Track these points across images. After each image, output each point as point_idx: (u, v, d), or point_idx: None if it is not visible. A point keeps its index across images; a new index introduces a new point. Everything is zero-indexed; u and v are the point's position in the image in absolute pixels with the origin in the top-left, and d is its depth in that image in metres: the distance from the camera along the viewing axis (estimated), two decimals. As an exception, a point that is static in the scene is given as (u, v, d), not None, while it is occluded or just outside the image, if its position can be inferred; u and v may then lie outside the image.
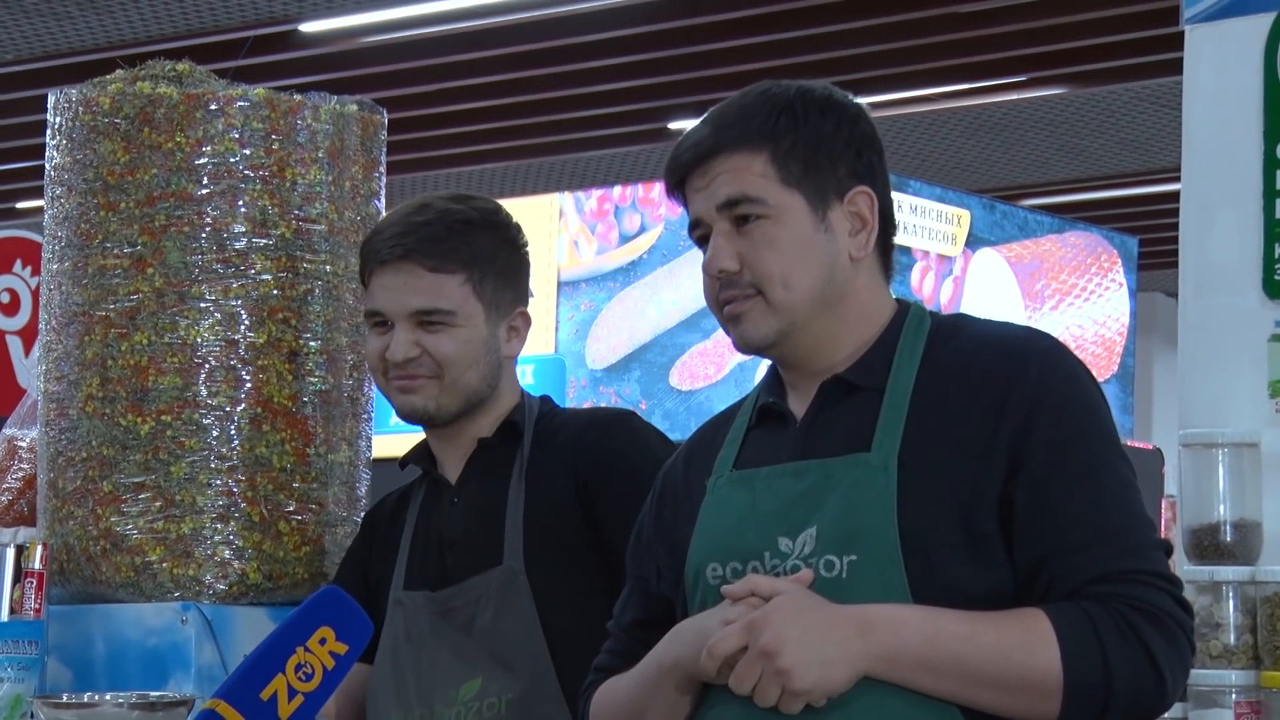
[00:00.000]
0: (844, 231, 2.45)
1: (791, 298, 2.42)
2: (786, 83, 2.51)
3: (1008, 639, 2.26)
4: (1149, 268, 11.29)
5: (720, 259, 2.43)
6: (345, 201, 3.39)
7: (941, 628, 2.26)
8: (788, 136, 2.43)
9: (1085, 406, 2.36)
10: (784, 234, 2.42)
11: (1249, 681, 3.27)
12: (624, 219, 8.57)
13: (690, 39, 10.46)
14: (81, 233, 3.33)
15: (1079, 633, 2.25)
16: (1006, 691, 2.26)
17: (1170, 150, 12.05)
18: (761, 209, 2.42)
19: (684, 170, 2.48)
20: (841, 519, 2.35)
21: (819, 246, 2.43)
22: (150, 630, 3.21)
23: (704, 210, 2.46)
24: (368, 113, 3.47)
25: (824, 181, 2.43)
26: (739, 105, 2.48)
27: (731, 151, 2.44)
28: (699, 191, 2.46)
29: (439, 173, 13.62)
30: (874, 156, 2.49)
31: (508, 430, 3.08)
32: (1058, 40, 10.33)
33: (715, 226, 2.44)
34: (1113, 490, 2.33)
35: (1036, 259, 9.17)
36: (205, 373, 3.26)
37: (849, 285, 2.45)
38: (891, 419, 2.38)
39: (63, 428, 3.32)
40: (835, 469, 2.38)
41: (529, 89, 11.44)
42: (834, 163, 2.44)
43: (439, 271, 3.02)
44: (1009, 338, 2.42)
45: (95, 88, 3.37)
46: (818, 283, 2.42)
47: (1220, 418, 3.45)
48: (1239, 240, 3.51)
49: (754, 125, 2.44)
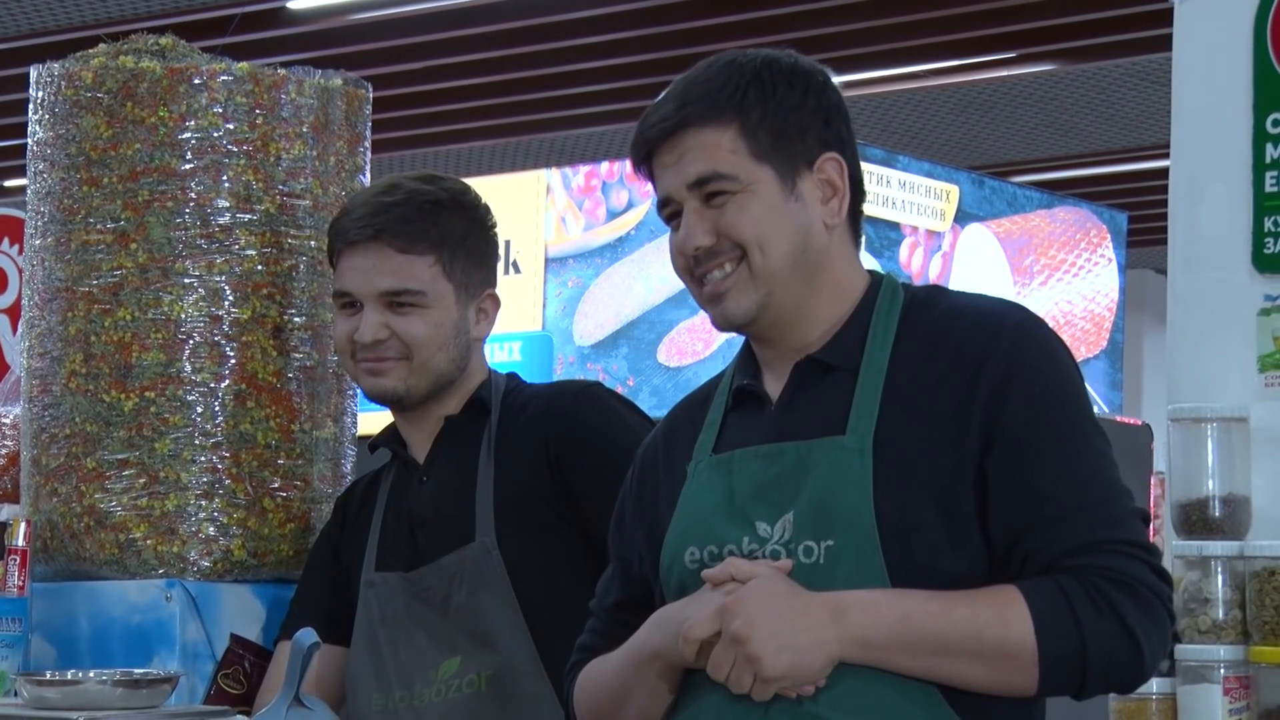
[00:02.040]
0: (815, 200, 2.42)
1: (769, 264, 2.39)
2: (752, 52, 2.47)
3: (981, 614, 2.25)
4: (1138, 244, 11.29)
5: (695, 237, 2.41)
6: (330, 176, 3.38)
7: (914, 607, 2.25)
8: (756, 108, 2.40)
9: (1058, 377, 2.35)
10: (755, 205, 2.40)
11: (1238, 656, 3.26)
12: (611, 195, 8.55)
13: (678, 15, 10.44)
14: (64, 208, 3.31)
15: (1052, 605, 2.24)
16: (982, 664, 2.26)
17: (1160, 126, 12.04)
18: (733, 185, 2.39)
19: (650, 146, 2.45)
20: (818, 504, 2.34)
21: (791, 215, 2.40)
22: (134, 607, 3.20)
23: (674, 188, 2.43)
24: (353, 87, 3.45)
25: (793, 152, 2.41)
26: (704, 78, 2.45)
27: (699, 126, 2.41)
28: (668, 168, 2.43)
29: (426, 150, 13.60)
30: (842, 124, 2.46)
31: (475, 407, 3.07)
32: (1047, 16, 10.32)
33: (686, 204, 2.42)
34: (1087, 460, 2.32)
35: (1025, 234, 9.16)
36: (189, 349, 3.24)
37: (824, 254, 2.43)
38: (866, 400, 2.36)
39: (46, 404, 3.31)
40: (810, 452, 2.36)
41: (516, 66, 11.42)
42: (803, 132, 2.41)
43: (408, 252, 3.02)
44: (981, 310, 2.41)
45: (78, 62, 3.35)
46: (793, 250, 2.40)
47: (1209, 393, 3.44)
48: (1228, 214, 3.50)
49: (721, 98, 2.41)
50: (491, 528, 2.94)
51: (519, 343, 8.64)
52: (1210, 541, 3.33)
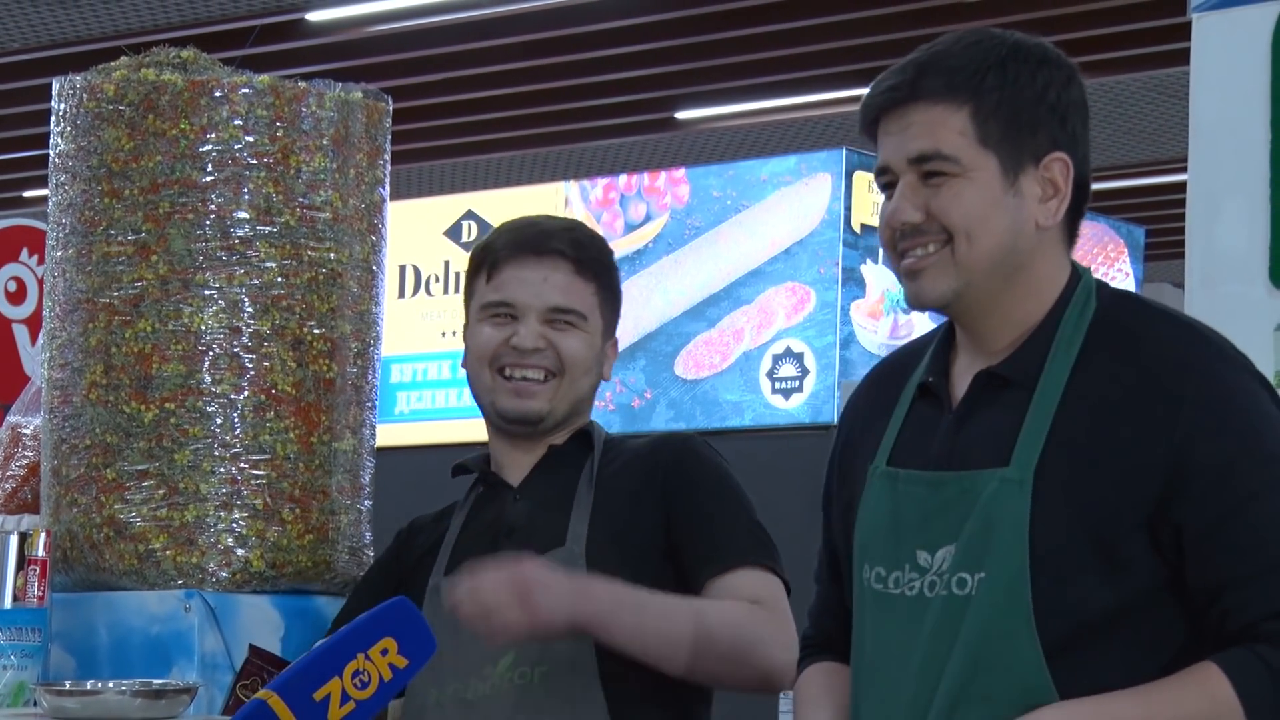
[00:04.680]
0: (1034, 197, 2.35)
1: (974, 254, 2.33)
2: (1001, 34, 2.40)
3: (1188, 710, 2.23)
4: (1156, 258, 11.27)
5: (904, 211, 2.35)
6: (350, 189, 3.39)
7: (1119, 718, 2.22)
8: (993, 94, 2.33)
9: (1245, 427, 2.28)
10: (972, 192, 2.33)
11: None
12: (629, 208, 8.55)
13: (696, 28, 10.46)
14: (86, 220, 3.33)
15: (1261, 692, 2.21)
16: None
17: (1177, 140, 12.04)
18: (953, 167, 2.33)
19: (878, 112, 2.39)
20: (976, 537, 2.31)
21: (1006, 210, 2.34)
22: (153, 618, 3.20)
23: (894, 158, 2.37)
24: (372, 100, 3.46)
25: (1022, 146, 2.34)
26: (948, 53, 2.37)
27: (932, 102, 2.34)
28: (891, 136, 2.37)
29: (444, 161, 13.63)
30: (1078, 123, 2.39)
31: (580, 439, 3.09)
32: (1064, 30, 10.32)
33: (903, 177, 2.36)
34: (1274, 515, 2.26)
35: (1043, 249, 9.17)
36: (209, 360, 3.25)
37: (1032, 254, 2.36)
38: (1035, 427, 2.31)
39: (66, 415, 3.32)
40: (974, 483, 2.32)
41: (535, 78, 11.44)
42: (1035, 127, 2.34)
43: (578, 275, 3.05)
44: (1169, 342, 2.33)
45: (100, 74, 3.37)
46: (1000, 245, 2.34)
47: (1226, 408, 3.44)
48: (1246, 229, 3.50)
49: (960, 78, 2.34)
50: (583, 538, 2.94)
51: (536, 355, 8.64)
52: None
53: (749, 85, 11.60)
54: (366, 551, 3.42)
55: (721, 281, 7.87)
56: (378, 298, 3.44)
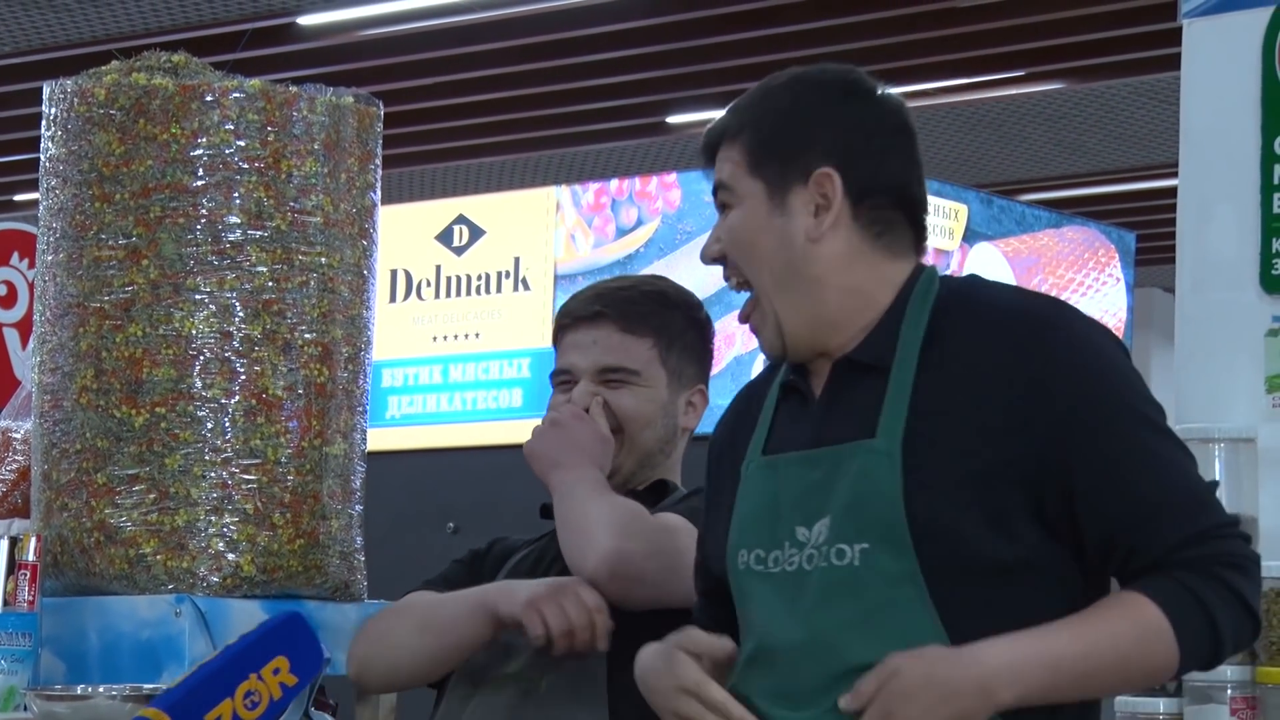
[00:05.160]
0: (804, 214, 2.45)
1: (758, 280, 2.47)
2: (802, 68, 2.54)
3: (1123, 644, 2.28)
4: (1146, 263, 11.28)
5: (708, 243, 2.52)
6: (341, 194, 3.39)
7: (1060, 657, 2.27)
8: (764, 122, 2.48)
9: (1113, 375, 2.36)
10: (740, 220, 2.48)
11: (1245, 677, 3.26)
12: (621, 212, 8.56)
13: (687, 34, 10.46)
14: (76, 224, 3.32)
15: (1189, 615, 2.28)
16: (1128, 683, 2.37)
17: (1168, 145, 12.04)
18: (732, 197, 2.49)
19: (704, 155, 2.56)
20: (851, 507, 2.36)
21: (771, 232, 2.46)
22: (144, 623, 3.20)
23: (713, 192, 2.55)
24: (364, 105, 3.46)
25: (788, 166, 2.46)
26: (745, 99, 2.55)
27: (725, 139, 2.51)
28: (715, 175, 2.54)
29: (435, 166, 13.62)
30: (857, 137, 2.47)
31: (658, 489, 3.14)
32: (1056, 35, 10.33)
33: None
34: (1157, 449, 2.34)
35: (1034, 253, 9.17)
36: (200, 365, 3.25)
37: (811, 265, 2.45)
38: (896, 400, 2.38)
39: (57, 419, 3.32)
40: (843, 456, 2.39)
41: (526, 83, 11.43)
42: (804, 146, 2.46)
43: (629, 334, 3.12)
44: (1020, 310, 2.41)
45: (90, 79, 3.36)
46: (772, 264, 2.46)
47: (1217, 413, 3.45)
48: (1237, 235, 3.50)
49: (742, 110, 2.52)
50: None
51: (528, 359, 8.65)
52: (1217, 562, 3.33)
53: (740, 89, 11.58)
54: (357, 556, 3.42)
55: (713, 286, 7.85)
56: (369, 302, 3.44)
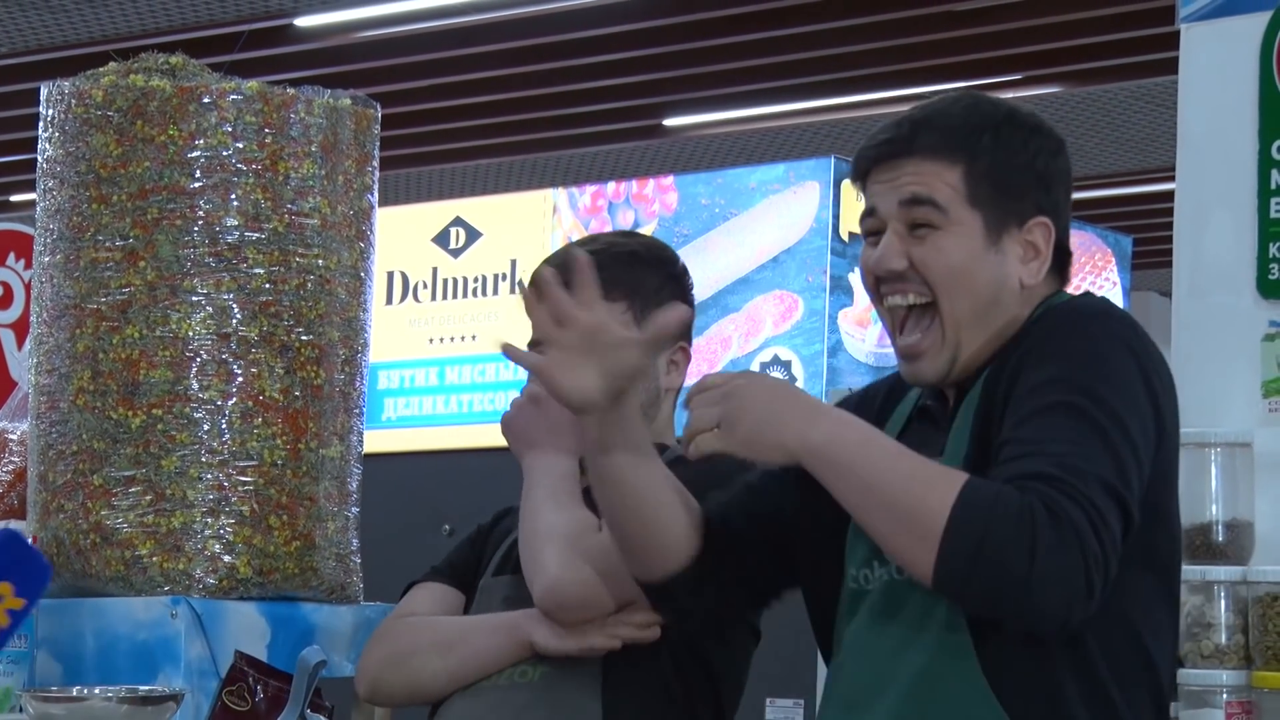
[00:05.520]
0: (1015, 257, 2.44)
1: (958, 310, 2.41)
2: (997, 100, 2.50)
3: (920, 473, 2.25)
4: (1143, 267, 11.28)
5: (889, 259, 2.43)
6: (338, 196, 3.39)
7: (875, 443, 2.29)
8: (986, 156, 2.42)
9: (1074, 353, 2.33)
10: (954, 245, 2.41)
11: (1240, 681, 3.27)
12: (618, 215, 8.56)
13: (684, 36, 10.46)
14: (73, 225, 3.32)
15: (981, 496, 2.20)
16: (893, 518, 2.24)
17: (1165, 149, 12.05)
18: (941, 219, 2.41)
19: (872, 163, 2.46)
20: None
21: (987, 266, 2.42)
22: (140, 624, 3.20)
23: (884, 203, 2.44)
24: (361, 107, 3.46)
25: (1008, 208, 2.43)
26: (945, 111, 2.46)
27: (927, 157, 2.42)
28: (883, 184, 2.45)
29: (432, 168, 13.62)
30: (1062, 191, 2.49)
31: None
32: (1053, 39, 10.34)
33: (890, 224, 2.43)
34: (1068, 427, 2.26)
35: (1030, 258, 9.18)
36: (196, 366, 3.25)
37: (1011, 310, 2.44)
38: (961, 428, 2.40)
39: (53, 421, 3.32)
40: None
41: (523, 84, 11.43)
42: (1022, 192, 2.44)
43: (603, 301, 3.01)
44: (1058, 308, 2.43)
45: (88, 80, 3.36)
46: (982, 300, 2.42)
47: (1213, 418, 3.45)
48: (1233, 239, 3.51)
49: (956, 137, 2.43)
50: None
51: (524, 361, 8.64)
52: (1213, 566, 3.34)
53: (738, 92, 11.60)
54: (354, 558, 3.42)
55: (709, 289, 7.87)
56: (366, 304, 3.44)
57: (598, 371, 2.52)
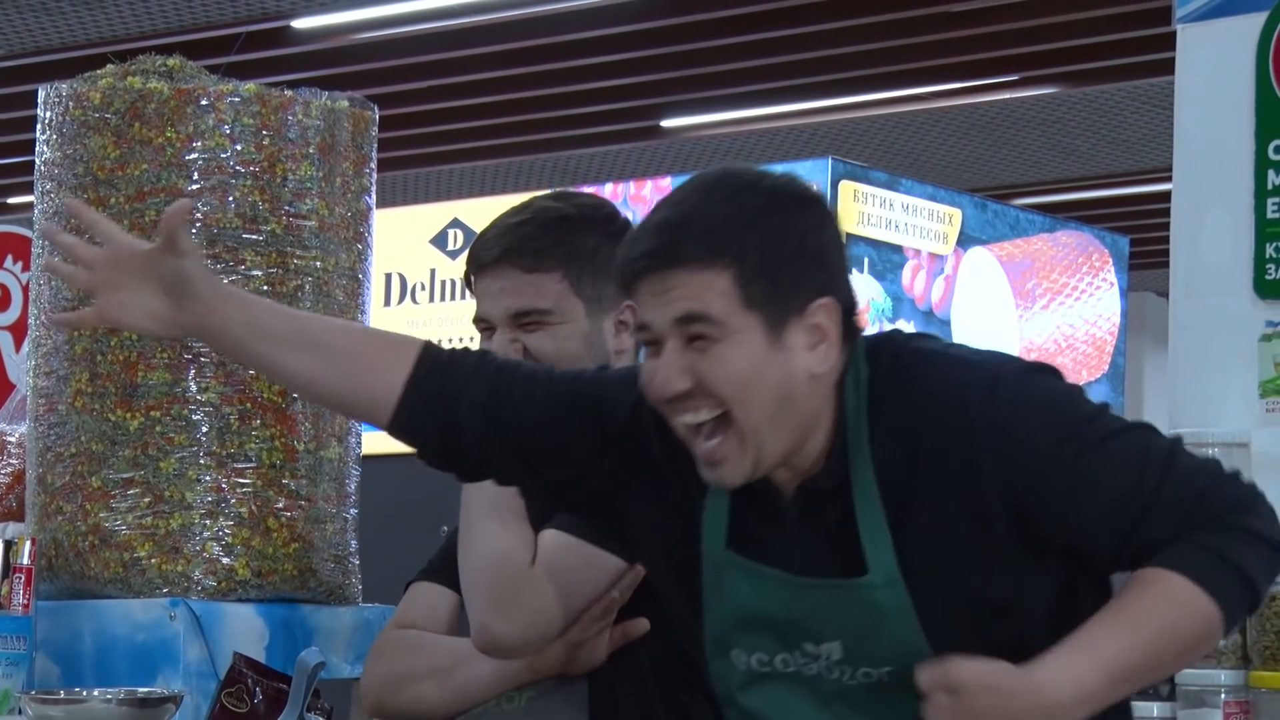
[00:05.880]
0: (802, 348, 2.31)
1: (752, 417, 2.29)
2: (754, 180, 2.34)
3: (1164, 622, 2.24)
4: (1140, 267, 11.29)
5: (672, 382, 2.31)
6: (336, 197, 3.39)
7: (1111, 661, 2.22)
8: (754, 255, 2.28)
9: (1041, 420, 2.30)
10: (737, 354, 2.28)
11: (1238, 681, 3.27)
12: (615, 216, 8.56)
13: (682, 37, 10.46)
14: (72, 227, 3.32)
15: (1211, 569, 2.24)
16: (1187, 658, 2.29)
17: (1162, 150, 12.06)
18: (718, 331, 2.28)
19: (639, 275, 2.33)
20: (865, 638, 2.34)
21: (774, 366, 2.29)
22: (138, 626, 3.20)
23: (657, 320, 2.32)
24: (359, 108, 3.46)
25: (785, 302, 2.29)
26: (705, 210, 2.31)
27: (693, 268, 2.28)
28: (654, 296, 2.31)
29: (429, 169, 13.62)
30: (838, 260, 2.36)
31: None
32: (1049, 40, 10.34)
33: (668, 341, 2.31)
34: (1108, 454, 2.29)
35: (1028, 258, 9.17)
36: (195, 368, 3.25)
37: (810, 401, 2.32)
38: (873, 529, 2.32)
39: (52, 423, 3.32)
40: (841, 592, 2.34)
41: (521, 86, 11.44)
42: (798, 280, 2.30)
43: (535, 271, 2.95)
44: (941, 403, 2.32)
45: (86, 82, 3.36)
46: (774, 402, 2.29)
47: (1210, 418, 3.46)
48: (1230, 240, 3.52)
49: (721, 239, 2.28)
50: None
51: (521, 363, 8.64)
52: (1211, 566, 3.33)
53: (735, 94, 11.61)
54: (352, 560, 3.42)
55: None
56: (364, 306, 3.45)
57: (150, 294, 2.45)
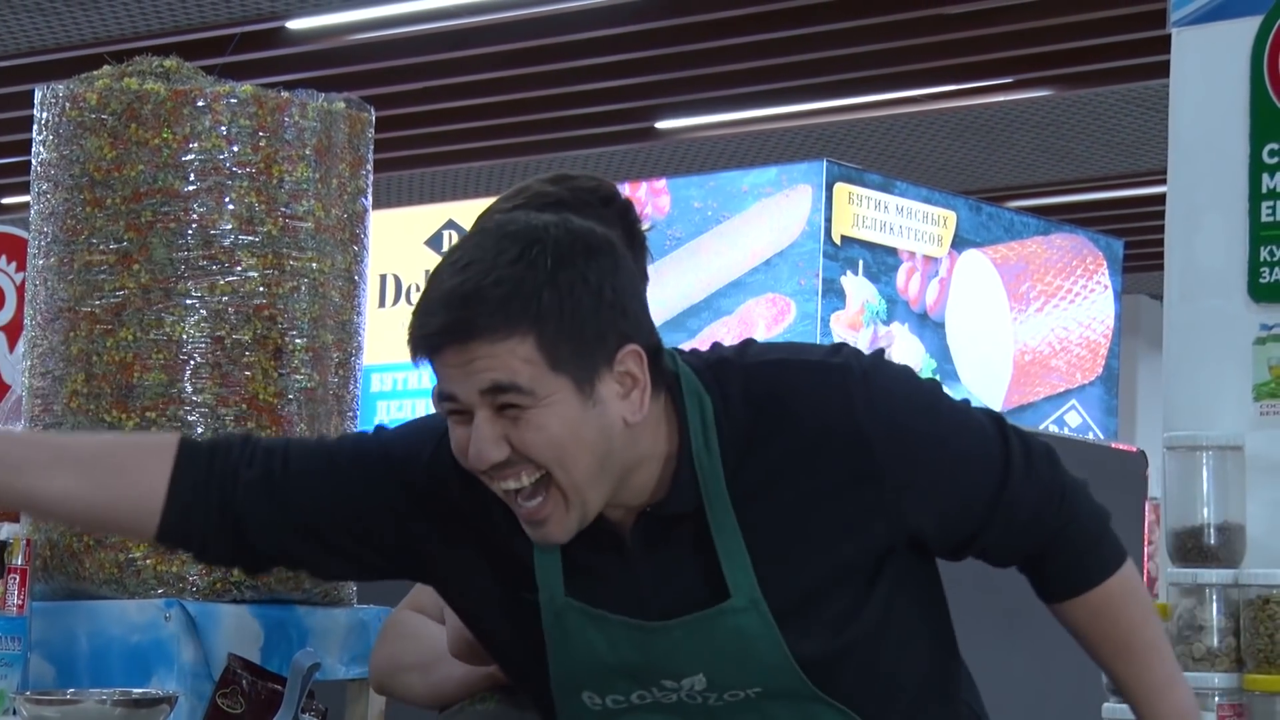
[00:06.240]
0: (615, 398, 2.23)
1: (574, 476, 2.22)
2: (539, 231, 2.23)
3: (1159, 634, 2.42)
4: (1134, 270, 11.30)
5: (488, 452, 2.22)
6: (332, 199, 3.39)
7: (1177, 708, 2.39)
8: (552, 319, 2.19)
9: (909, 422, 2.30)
10: (551, 419, 2.20)
11: (1232, 684, 3.27)
12: (610, 218, 8.57)
13: (677, 38, 10.46)
14: (68, 228, 3.33)
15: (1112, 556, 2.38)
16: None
17: (1156, 153, 12.06)
18: (528, 399, 2.20)
19: (436, 353, 2.23)
20: (730, 663, 2.31)
21: (590, 423, 2.22)
22: (133, 627, 3.20)
23: (463, 392, 2.22)
24: (355, 110, 3.47)
25: (591, 355, 2.21)
26: (494, 275, 2.19)
27: (494, 336, 2.19)
28: (455, 368, 2.22)
29: (425, 170, 13.62)
30: (635, 303, 2.27)
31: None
32: (1044, 42, 10.34)
33: (477, 411, 2.21)
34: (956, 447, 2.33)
35: (1022, 260, 9.18)
36: (190, 370, 3.25)
37: (630, 448, 2.26)
38: (732, 552, 2.28)
39: (47, 424, 3.32)
40: (703, 624, 2.30)
41: (516, 87, 11.43)
42: (603, 333, 2.22)
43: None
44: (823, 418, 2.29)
45: (82, 83, 3.37)
46: (595, 458, 2.23)
47: (1205, 421, 3.46)
48: (1225, 243, 3.51)
49: (515, 308, 2.19)
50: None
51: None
52: (1205, 569, 3.34)
53: (730, 95, 11.61)
54: (347, 561, 3.42)
55: (702, 292, 7.89)
56: (359, 307, 3.45)
57: None
